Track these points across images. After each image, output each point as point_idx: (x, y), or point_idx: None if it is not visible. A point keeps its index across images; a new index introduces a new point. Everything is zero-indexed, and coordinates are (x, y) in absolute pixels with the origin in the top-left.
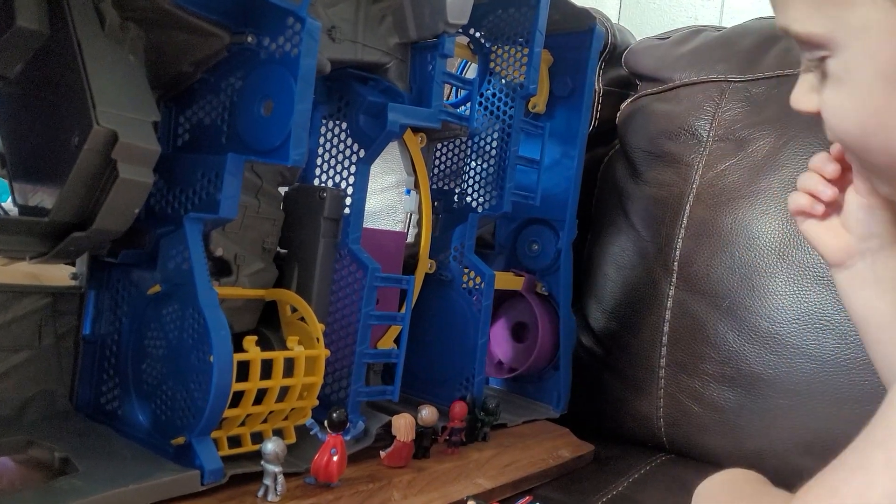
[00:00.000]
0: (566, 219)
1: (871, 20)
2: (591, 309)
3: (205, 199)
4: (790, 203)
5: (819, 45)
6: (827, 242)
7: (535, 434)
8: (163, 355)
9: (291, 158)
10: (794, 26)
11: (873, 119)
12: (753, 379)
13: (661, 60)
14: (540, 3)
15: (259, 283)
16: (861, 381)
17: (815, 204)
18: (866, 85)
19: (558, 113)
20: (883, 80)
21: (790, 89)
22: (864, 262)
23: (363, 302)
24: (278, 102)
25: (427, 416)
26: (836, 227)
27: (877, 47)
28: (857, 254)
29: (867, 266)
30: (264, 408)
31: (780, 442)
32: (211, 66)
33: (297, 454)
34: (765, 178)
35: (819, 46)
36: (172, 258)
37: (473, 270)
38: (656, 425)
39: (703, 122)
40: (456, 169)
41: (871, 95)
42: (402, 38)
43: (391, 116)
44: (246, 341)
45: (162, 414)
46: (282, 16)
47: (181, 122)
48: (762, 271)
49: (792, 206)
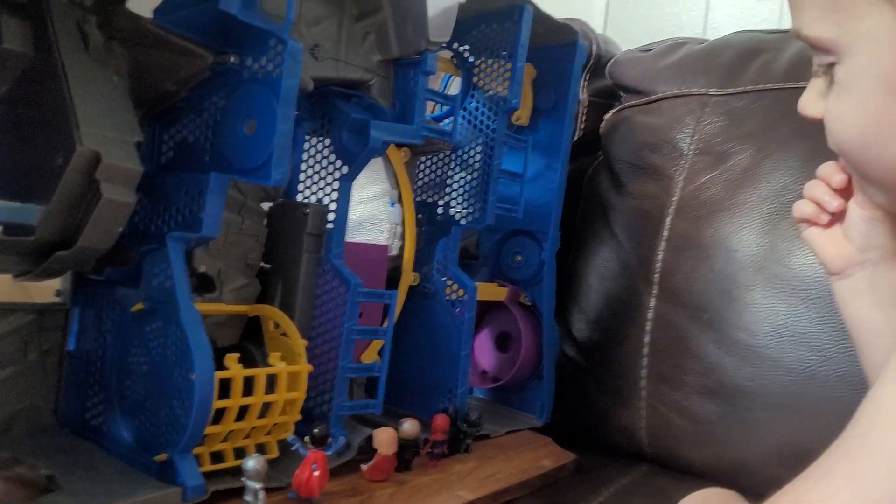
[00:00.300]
0: (549, 230)
1: (877, 29)
2: (574, 319)
3: (188, 217)
4: (795, 210)
5: (828, 50)
6: (828, 251)
7: (517, 444)
8: (146, 372)
9: (273, 178)
10: (805, 30)
11: (871, 128)
12: (733, 391)
13: (643, 72)
14: (522, 19)
15: (242, 299)
16: (837, 394)
17: (820, 213)
18: (867, 93)
19: (542, 125)
20: (883, 90)
21: (769, 103)
22: (862, 273)
23: (346, 317)
24: (261, 122)
25: (409, 429)
26: (838, 237)
27: (880, 56)
28: (856, 264)
29: (865, 277)
30: (246, 424)
31: (759, 453)
32: (194, 85)
33: (280, 468)
34: (743, 192)
35: (828, 51)
36: (155, 276)
37: (456, 283)
38: (638, 436)
39: (684, 135)
40: (439, 181)
41: (871, 104)
42: (385, 56)
43: (373, 133)
44: (227, 359)
45: (145, 430)
46: (264, 37)
47: (165, 139)
48: (741, 284)
49: (796, 214)
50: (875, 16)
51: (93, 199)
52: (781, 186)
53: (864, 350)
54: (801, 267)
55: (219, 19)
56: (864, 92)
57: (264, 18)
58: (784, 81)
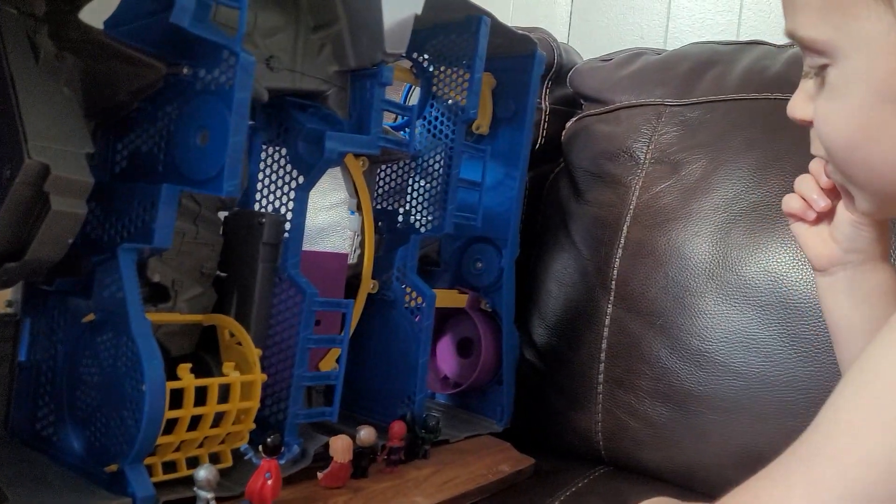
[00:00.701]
0: (509, 238)
1: (873, 34)
2: (534, 325)
3: (140, 227)
4: (784, 204)
5: (822, 52)
6: (814, 248)
7: (476, 449)
8: (97, 382)
9: (225, 189)
10: (800, 31)
11: (859, 133)
12: (685, 395)
13: (603, 82)
14: (480, 31)
15: (197, 308)
16: (784, 398)
17: (807, 210)
18: (859, 98)
19: (501, 134)
20: (876, 95)
21: (722, 114)
22: (844, 273)
23: (301, 326)
24: (213, 134)
25: (365, 436)
26: (825, 235)
27: (874, 60)
28: (839, 264)
29: (846, 277)
30: (199, 434)
31: (710, 455)
32: (148, 95)
33: (234, 477)
34: (697, 201)
35: (822, 53)
36: (107, 287)
37: (415, 291)
38: (595, 439)
39: (640, 144)
40: (400, 189)
41: (861, 109)
42: (342, 67)
43: (329, 144)
44: (180, 369)
45: (96, 441)
46: (216, 49)
47: (119, 149)
48: (693, 291)
49: (785, 208)
50: (873, 20)
51: (42, 211)
52: (733, 196)
53: (841, 345)
54: (752, 274)
55: (171, 31)
56: (855, 95)
57: (216, 30)
58: (737, 93)
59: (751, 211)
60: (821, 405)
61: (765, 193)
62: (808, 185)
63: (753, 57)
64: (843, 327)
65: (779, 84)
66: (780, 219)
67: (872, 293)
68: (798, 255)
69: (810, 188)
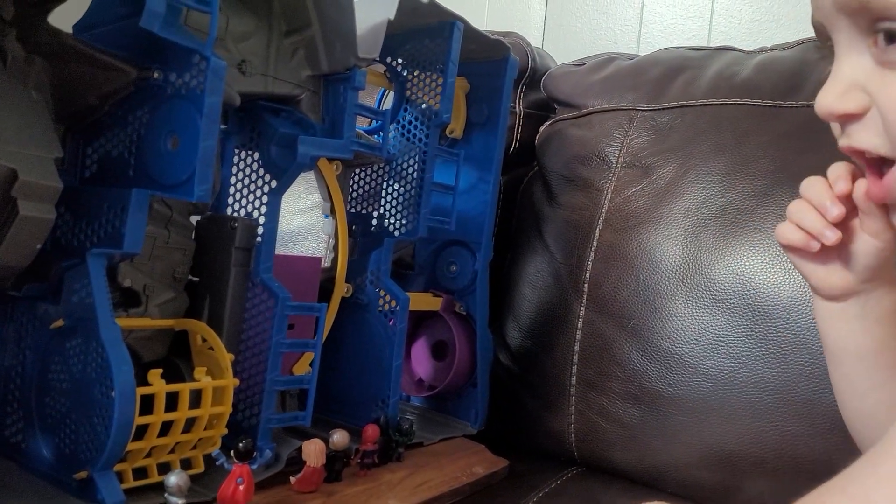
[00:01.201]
0: (483, 241)
1: None
2: (508, 328)
3: (110, 232)
4: (780, 236)
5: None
6: (823, 279)
7: (450, 452)
8: (66, 389)
9: (196, 194)
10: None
11: None
12: (655, 397)
13: (576, 87)
14: (453, 36)
15: (169, 313)
16: (752, 400)
17: (810, 241)
18: None
19: (475, 138)
20: None
21: (691, 119)
22: (857, 299)
23: (274, 330)
24: (184, 138)
25: (338, 440)
26: (835, 264)
27: None
28: (854, 293)
29: (859, 303)
30: (170, 439)
31: (679, 456)
32: (118, 99)
33: (206, 483)
34: (667, 205)
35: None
36: (76, 292)
37: (389, 294)
38: (568, 440)
39: (612, 148)
40: (374, 193)
41: None
42: (314, 72)
43: (301, 149)
44: (150, 375)
45: (66, 448)
46: (187, 54)
47: (89, 153)
48: (664, 294)
49: (782, 241)
50: None
51: (10, 216)
52: (702, 199)
53: (845, 366)
54: (721, 278)
55: (142, 35)
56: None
57: (187, 35)
58: (706, 98)
59: (720, 215)
60: (787, 406)
61: (733, 197)
62: (809, 216)
63: (723, 63)
64: (851, 351)
65: (747, 90)
66: (748, 222)
67: (884, 315)
68: (765, 258)
69: (813, 220)
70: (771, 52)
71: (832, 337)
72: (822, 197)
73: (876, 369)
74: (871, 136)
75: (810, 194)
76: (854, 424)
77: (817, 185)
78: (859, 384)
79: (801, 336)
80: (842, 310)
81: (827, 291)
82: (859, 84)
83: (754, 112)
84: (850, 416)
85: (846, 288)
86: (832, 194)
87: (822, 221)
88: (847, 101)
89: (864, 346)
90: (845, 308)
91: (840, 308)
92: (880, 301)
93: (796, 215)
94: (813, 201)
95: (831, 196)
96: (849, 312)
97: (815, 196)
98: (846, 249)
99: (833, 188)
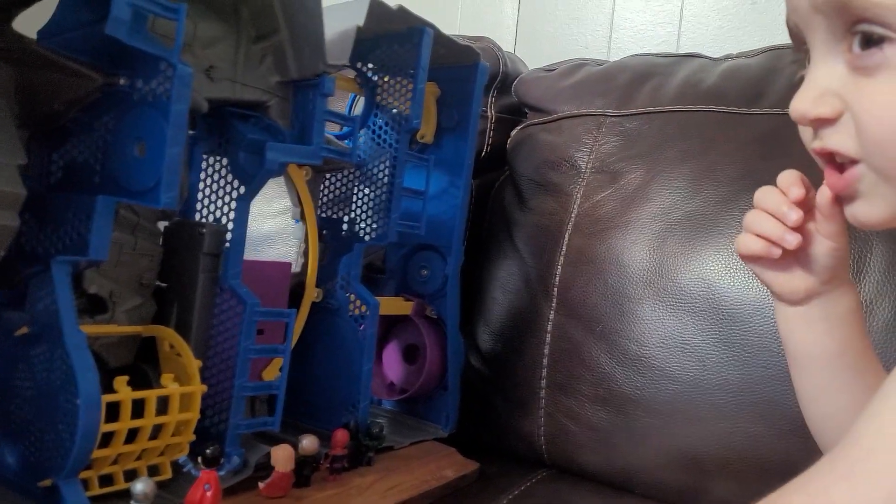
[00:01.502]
0: (453, 245)
1: None
2: (479, 331)
3: (75, 239)
4: (740, 247)
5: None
6: (785, 284)
7: (421, 455)
8: (31, 396)
9: (163, 201)
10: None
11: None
12: (623, 400)
13: (546, 92)
14: (423, 42)
15: (136, 319)
16: (718, 401)
17: (771, 248)
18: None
19: (446, 143)
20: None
21: (659, 125)
22: (819, 300)
23: (242, 336)
24: (150, 145)
25: (307, 445)
26: (795, 269)
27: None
28: (816, 295)
29: (821, 304)
30: (136, 446)
31: (647, 458)
32: (84, 106)
33: (174, 489)
34: (635, 210)
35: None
36: (41, 299)
37: (360, 299)
38: (538, 443)
39: (582, 153)
40: (344, 198)
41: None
42: (283, 78)
43: (270, 155)
44: (116, 381)
45: (30, 455)
46: (153, 60)
47: (55, 159)
48: (632, 298)
49: (743, 251)
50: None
51: None
52: (669, 205)
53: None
54: (687, 282)
55: (108, 41)
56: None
57: (153, 41)
58: (672, 105)
59: (686, 220)
60: (750, 407)
61: (699, 203)
62: (768, 223)
63: (689, 70)
64: (816, 354)
65: (713, 97)
66: (713, 228)
67: (846, 316)
68: (730, 263)
69: (772, 226)
70: (737, 59)
71: (795, 342)
72: (779, 204)
73: (841, 370)
74: (843, 139)
75: (766, 203)
76: (816, 427)
77: (772, 194)
78: (823, 387)
79: (764, 339)
80: (804, 313)
81: (790, 296)
82: (833, 89)
83: (720, 119)
84: (812, 419)
85: (808, 290)
86: (788, 201)
87: (781, 227)
88: (821, 106)
89: (828, 349)
90: (808, 311)
91: (803, 312)
92: (840, 300)
93: (754, 225)
94: (770, 209)
95: (788, 202)
96: (812, 315)
97: (772, 204)
98: (805, 253)
99: (788, 195)
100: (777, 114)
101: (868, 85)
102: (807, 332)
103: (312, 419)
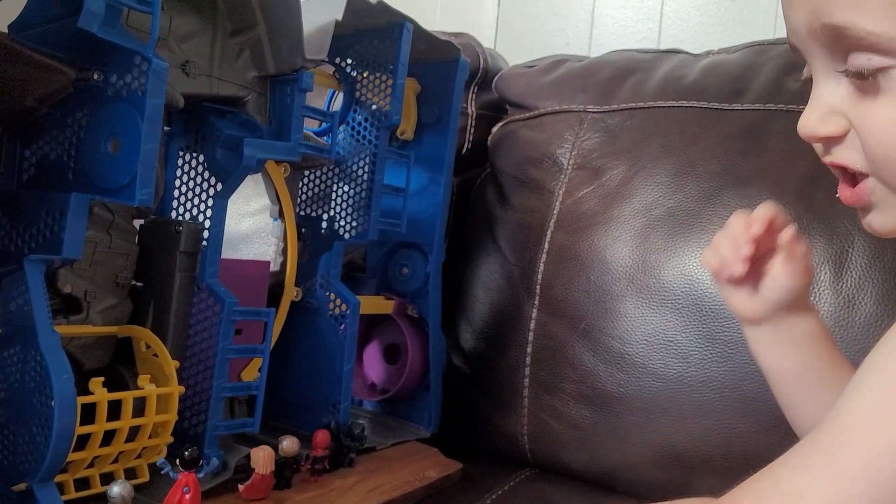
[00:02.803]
0: (434, 243)
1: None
2: (462, 330)
3: (48, 237)
4: (703, 259)
5: (885, 51)
6: (736, 304)
7: (403, 456)
8: (5, 398)
9: (138, 198)
10: (863, 24)
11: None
12: (607, 397)
13: (527, 88)
14: (402, 37)
15: (112, 319)
16: (701, 399)
17: (723, 269)
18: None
19: (426, 139)
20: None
21: (640, 121)
22: (769, 325)
23: (220, 336)
24: (125, 141)
25: (288, 446)
26: (751, 291)
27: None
28: (767, 320)
29: (772, 328)
30: (113, 449)
31: (631, 456)
32: (57, 101)
33: (152, 492)
34: (617, 207)
35: (885, 52)
36: (14, 299)
37: (339, 298)
38: (521, 442)
39: (563, 150)
40: (324, 195)
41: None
42: (261, 73)
43: (247, 151)
44: (92, 383)
45: (4, 459)
46: (128, 55)
47: (27, 156)
48: (614, 295)
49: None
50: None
51: None
52: (652, 201)
53: (776, 387)
54: (670, 278)
55: (81, 35)
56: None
57: (128, 35)
58: (654, 101)
59: (668, 216)
60: (734, 404)
61: (681, 199)
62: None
63: (670, 66)
64: (776, 372)
65: (694, 92)
66: (695, 224)
67: (802, 339)
68: None
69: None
70: (717, 55)
71: (756, 356)
72: (737, 234)
73: (802, 386)
74: (851, 154)
75: (731, 228)
76: (794, 425)
77: (738, 221)
78: (788, 399)
79: None
80: (758, 332)
81: (740, 315)
82: (837, 108)
83: (701, 114)
84: (790, 419)
85: (756, 314)
86: (748, 235)
87: (734, 255)
88: (827, 125)
89: (784, 367)
90: (761, 331)
91: (756, 330)
92: (792, 326)
93: (717, 243)
94: (731, 235)
95: (746, 237)
96: (765, 335)
97: (734, 231)
98: (759, 283)
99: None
100: (757, 109)
101: (870, 106)
102: (763, 349)
103: (292, 420)
